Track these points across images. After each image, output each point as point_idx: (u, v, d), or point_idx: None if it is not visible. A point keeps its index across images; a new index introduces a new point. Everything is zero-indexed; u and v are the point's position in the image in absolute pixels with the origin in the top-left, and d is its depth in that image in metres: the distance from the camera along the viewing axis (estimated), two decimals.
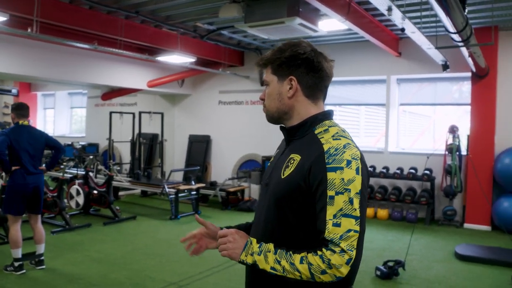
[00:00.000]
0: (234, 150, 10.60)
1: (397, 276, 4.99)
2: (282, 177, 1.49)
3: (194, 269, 5.17)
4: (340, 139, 1.46)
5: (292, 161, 1.49)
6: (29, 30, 6.02)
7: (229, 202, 9.01)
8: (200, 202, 8.83)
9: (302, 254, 1.37)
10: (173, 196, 7.98)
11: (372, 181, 8.72)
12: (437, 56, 6.64)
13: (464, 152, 7.93)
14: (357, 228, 1.35)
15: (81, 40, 7.15)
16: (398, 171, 8.24)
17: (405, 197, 8.00)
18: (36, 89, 15.42)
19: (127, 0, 6.59)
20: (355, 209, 1.36)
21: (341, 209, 1.35)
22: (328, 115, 1.59)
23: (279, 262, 1.39)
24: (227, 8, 5.98)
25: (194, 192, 8.44)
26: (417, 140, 9.32)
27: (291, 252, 1.39)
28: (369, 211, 8.33)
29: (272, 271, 1.40)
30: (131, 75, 9.68)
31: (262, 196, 1.62)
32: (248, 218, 1.74)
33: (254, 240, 1.48)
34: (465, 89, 8.46)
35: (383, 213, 8.26)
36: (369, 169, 8.45)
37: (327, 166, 1.39)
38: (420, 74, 8.50)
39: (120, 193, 9.79)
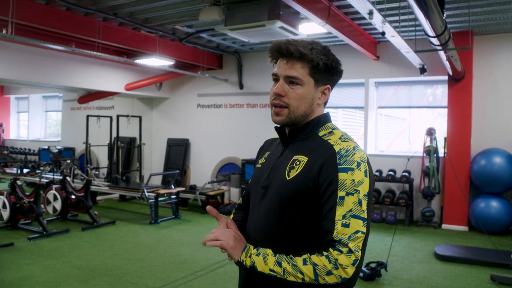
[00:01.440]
0: (213, 154, 10.56)
1: (380, 277, 5.04)
2: (288, 178, 1.46)
3: (176, 273, 5.13)
4: (348, 141, 1.47)
5: (297, 162, 1.47)
6: (4, 31, 5.88)
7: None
8: (180, 206, 8.78)
9: (304, 256, 1.35)
10: (153, 200, 7.92)
11: None
12: (415, 60, 6.73)
13: (441, 154, 8.06)
14: (364, 229, 1.35)
15: (58, 42, 7.02)
16: (377, 173, 8.31)
17: (384, 199, 8.08)
18: (8, 92, 15.12)
19: (105, 1, 6.51)
20: (364, 211, 1.36)
21: (350, 210, 1.35)
22: (328, 117, 1.59)
23: (279, 264, 1.36)
24: (208, 11, 5.95)
25: (174, 196, 8.40)
26: (393, 142, 9.44)
27: (291, 256, 1.37)
28: None
29: (271, 273, 1.36)
30: (108, 78, 9.57)
31: (258, 199, 1.57)
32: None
33: (251, 246, 1.45)
34: (439, 92, 8.62)
35: None
36: None
37: (338, 166, 1.39)
38: (398, 78, 8.60)
39: (98, 197, 9.67)
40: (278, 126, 1.59)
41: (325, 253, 1.33)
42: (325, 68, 1.50)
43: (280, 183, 1.49)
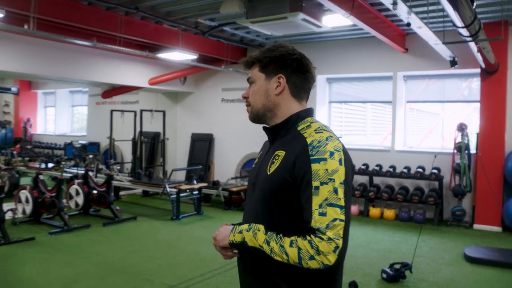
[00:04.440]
0: (237, 149, 10.55)
1: (404, 279, 4.90)
2: (268, 173, 1.55)
3: (194, 272, 5.12)
4: (322, 132, 1.54)
5: (277, 157, 1.56)
6: (25, 26, 5.97)
7: (232, 202, 8.95)
8: (202, 202, 8.81)
9: (292, 238, 1.42)
10: (175, 196, 7.94)
11: (379, 180, 8.67)
12: (445, 52, 6.56)
13: (473, 150, 7.82)
14: (343, 217, 1.40)
15: (80, 37, 7.09)
16: (405, 170, 8.14)
17: (413, 197, 7.91)
18: (36, 87, 15.43)
19: None
20: (340, 199, 1.41)
21: (326, 199, 1.40)
22: (310, 112, 1.67)
23: (268, 243, 1.44)
24: (228, 4, 5.91)
25: (196, 192, 8.41)
26: (425, 138, 9.23)
27: (281, 235, 1.44)
28: (376, 212, 8.27)
29: (260, 248, 1.45)
30: (131, 72, 9.65)
31: (249, 196, 1.69)
32: None
33: (241, 225, 1.55)
34: (475, 86, 8.36)
35: (390, 213, 8.17)
36: (375, 168, 8.41)
37: (311, 158, 1.46)
38: (428, 71, 8.40)
39: (121, 193, 9.78)
40: (266, 126, 1.71)
41: (308, 238, 1.39)
42: (270, 60, 1.64)
43: (263, 178, 1.58)
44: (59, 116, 15.35)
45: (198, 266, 5.30)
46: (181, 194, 8.09)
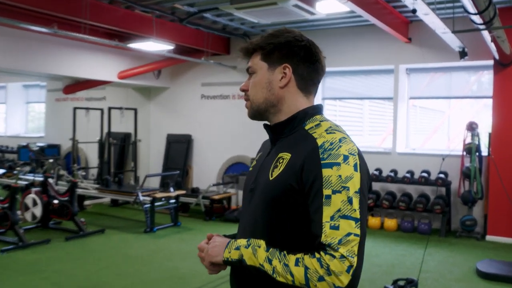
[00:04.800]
0: (219, 151, 10.49)
1: None
2: (271, 178, 1.52)
3: None
4: (334, 132, 1.49)
5: (281, 160, 1.52)
6: None
7: (214, 211, 8.93)
8: (180, 212, 8.77)
9: (298, 255, 1.37)
10: (148, 205, 7.90)
11: (378, 186, 8.67)
12: (454, 42, 6.57)
13: (484, 152, 7.84)
14: (358, 231, 1.35)
15: (37, 23, 6.94)
16: (408, 175, 8.14)
17: (417, 205, 7.91)
18: None
19: None
20: (355, 210, 1.37)
21: (339, 210, 1.36)
22: (318, 109, 1.63)
23: (270, 261, 1.40)
24: None
25: (173, 201, 8.38)
26: (429, 139, 9.28)
27: (285, 252, 1.40)
28: (375, 221, 8.25)
29: (261, 267, 1.41)
30: (98, 64, 9.53)
31: (247, 204, 1.64)
32: (236, 229, 1.73)
33: (238, 240, 1.50)
34: (486, 79, 8.40)
35: (391, 223, 8.16)
36: (375, 172, 8.40)
37: (321, 162, 1.41)
38: (433, 63, 8.42)
39: (86, 202, 9.68)
40: (267, 124, 1.67)
41: (317, 256, 1.34)
42: (274, 47, 1.59)
43: (264, 184, 1.54)
44: (11, 114, 15.12)
45: (177, 284, 5.22)
46: (156, 203, 8.05)
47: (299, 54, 1.59)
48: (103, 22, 7.48)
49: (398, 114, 8.76)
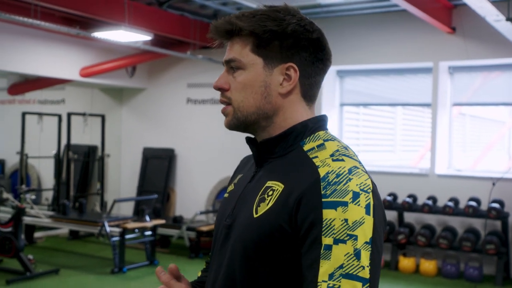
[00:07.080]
0: (209, 171, 10.52)
1: None
2: (255, 215, 1.43)
3: None
4: (343, 160, 1.40)
5: (270, 192, 1.43)
6: None
7: (201, 246, 8.93)
8: (157, 247, 8.87)
9: None
10: (117, 238, 7.92)
11: (412, 217, 8.62)
12: (510, 32, 6.57)
13: None
14: None
15: None
16: (451, 204, 8.07)
17: (463, 243, 7.84)
18: None
19: None
20: (363, 267, 1.27)
21: (341, 266, 1.27)
22: (322, 122, 1.55)
23: None
24: None
25: (149, 233, 8.47)
26: (482, 157, 9.23)
27: None
28: (409, 263, 8.19)
29: None
30: (55, 58, 9.53)
31: (219, 246, 1.56)
32: None
33: None
34: None
35: (429, 266, 8.09)
36: (407, 199, 8.37)
37: (323, 200, 1.32)
38: (484, 60, 8.41)
39: (37, 234, 9.71)
40: (251, 137, 1.58)
41: None
42: (275, 37, 1.44)
43: (245, 222, 1.46)
44: None
45: None
46: (127, 236, 8.11)
47: (308, 49, 1.47)
48: (59, 4, 7.48)
49: (438, 125, 8.72)
